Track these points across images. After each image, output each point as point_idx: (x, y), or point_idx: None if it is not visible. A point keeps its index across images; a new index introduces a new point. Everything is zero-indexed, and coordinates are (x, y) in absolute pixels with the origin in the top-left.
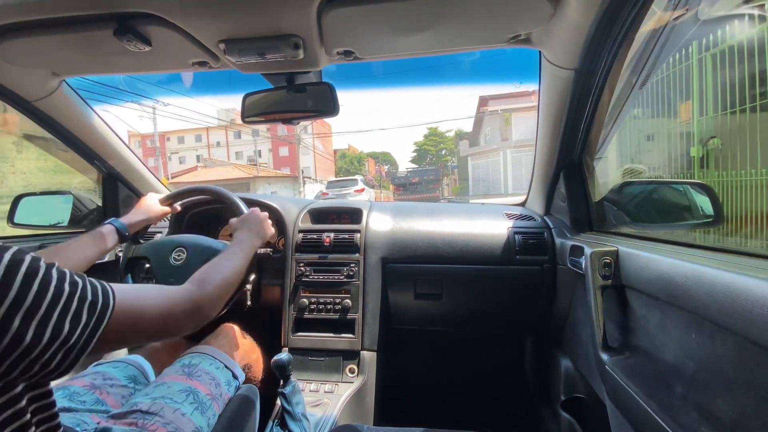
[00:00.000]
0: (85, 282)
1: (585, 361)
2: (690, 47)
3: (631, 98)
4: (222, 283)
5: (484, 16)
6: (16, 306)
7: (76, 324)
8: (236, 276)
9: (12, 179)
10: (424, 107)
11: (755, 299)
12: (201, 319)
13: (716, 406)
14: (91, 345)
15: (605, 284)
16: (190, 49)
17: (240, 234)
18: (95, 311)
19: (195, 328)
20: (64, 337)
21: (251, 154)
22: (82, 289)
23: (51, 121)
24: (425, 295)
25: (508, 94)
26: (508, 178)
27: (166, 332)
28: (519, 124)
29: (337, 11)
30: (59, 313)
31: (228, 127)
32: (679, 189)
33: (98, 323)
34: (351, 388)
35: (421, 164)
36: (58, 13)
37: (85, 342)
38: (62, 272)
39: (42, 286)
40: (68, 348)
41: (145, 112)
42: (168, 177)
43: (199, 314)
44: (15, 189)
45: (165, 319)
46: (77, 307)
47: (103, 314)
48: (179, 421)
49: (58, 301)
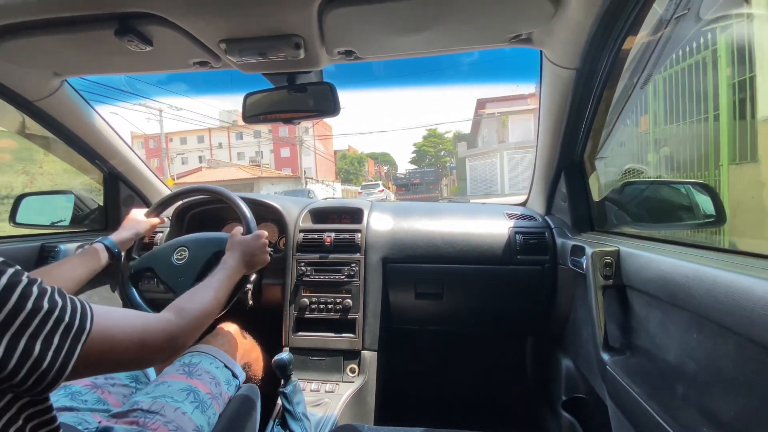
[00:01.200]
0: (65, 302)
1: (586, 361)
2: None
3: (633, 98)
4: (200, 314)
5: (485, 15)
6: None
7: (47, 347)
8: (216, 307)
9: (40, 180)
10: (423, 108)
11: (756, 299)
12: (175, 349)
13: (717, 406)
14: (68, 370)
15: (606, 284)
16: (191, 48)
17: (229, 258)
18: (69, 334)
19: (168, 358)
20: (34, 359)
21: (253, 155)
22: (60, 309)
23: (52, 121)
24: (426, 294)
25: (505, 97)
26: (505, 178)
27: (140, 362)
28: (515, 127)
29: (338, 11)
30: (31, 334)
31: (230, 128)
32: (680, 189)
33: (72, 347)
34: (352, 388)
35: (420, 165)
36: (59, 13)
37: (60, 366)
38: (43, 288)
39: (19, 301)
40: (42, 372)
41: (153, 115)
42: (174, 177)
43: (174, 345)
44: (44, 188)
45: (140, 348)
46: (51, 329)
47: (77, 338)
48: (180, 420)
49: (32, 319)
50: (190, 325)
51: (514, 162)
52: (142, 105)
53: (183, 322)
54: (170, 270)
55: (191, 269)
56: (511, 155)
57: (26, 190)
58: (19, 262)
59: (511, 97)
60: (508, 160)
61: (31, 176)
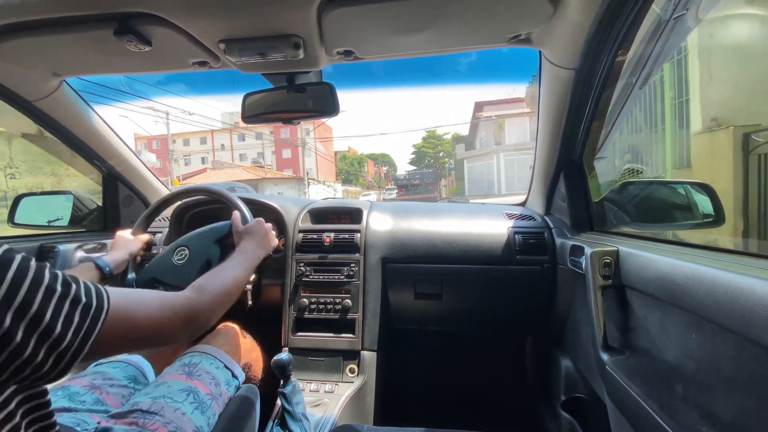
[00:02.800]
0: (78, 284)
1: (585, 361)
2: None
3: (632, 98)
4: (221, 291)
5: (485, 16)
6: (6, 304)
7: (68, 325)
8: (237, 286)
9: (67, 181)
10: (422, 108)
11: (756, 299)
12: (198, 327)
13: (717, 406)
14: (85, 349)
15: (605, 284)
16: (191, 49)
17: (245, 244)
18: (89, 314)
19: (191, 336)
20: (55, 338)
21: (255, 156)
22: (75, 290)
23: (51, 121)
24: (425, 294)
25: (501, 100)
26: (502, 179)
27: (162, 339)
28: (512, 129)
29: (338, 11)
30: (51, 314)
31: (232, 129)
32: (680, 189)
33: (92, 326)
34: (351, 388)
35: (419, 166)
36: (58, 13)
37: (78, 346)
38: (54, 273)
39: (33, 285)
40: (60, 351)
41: (159, 117)
42: (179, 179)
43: (196, 322)
44: (69, 188)
45: (160, 325)
46: (69, 309)
47: (96, 318)
48: (180, 421)
49: (49, 301)
50: (212, 301)
51: (510, 163)
52: (149, 108)
53: (203, 299)
54: (174, 272)
55: (195, 264)
56: (507, 157)
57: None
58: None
59: (508, 100)
60: (504, 162)
61: (59, 177)
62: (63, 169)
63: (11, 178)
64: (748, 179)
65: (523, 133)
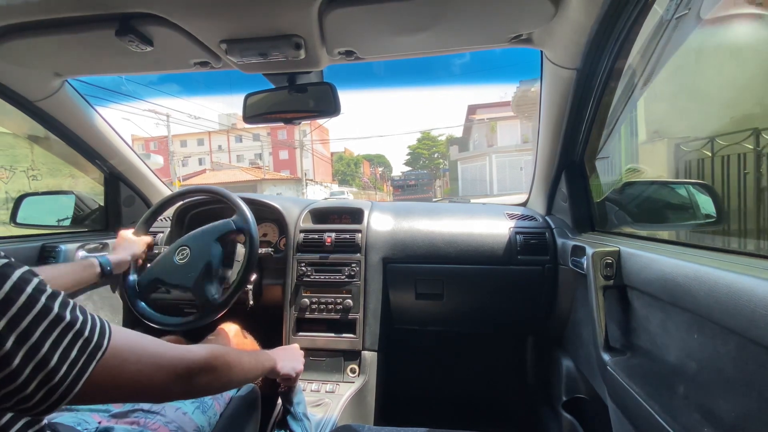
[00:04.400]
0: (86, 316)
1: (586, 361)
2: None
3: (633, 98)
4: (224, 356)
5: (486, 15)
6: (12, 326)
7: (65, 358)
8: (242, 380)
9: (83, 182)
10: (418, 110)
11: (758, 300)
12: (190, 382)
13: (718, 407)
14: (77, 387)
15: (607, 284)
16: (192, 49)
17: (280, 359)
18: (87, 349)
19: (183, 392)
20: (49, 370)
21: (252, 157)
22: (81, 322)
23: (53, 121)
24: (426, 295)
25: (494, 103)
26: (494, 180)
27: (152, 390)
28: (503, 132)
29: (339, 11)
30: (52, 343)
31: (229, 131)
32: (681, 189)
33: (87, 362)
34: (352, 388)
35: (414, 167)
36: (59, 14)
37: (71, 383)
38: (66, 301)
39: (43, 310)
40: (52, 386)
41: (157, 118)
42: (180, 179)
43: (188, 376)
44: (83, 189)
45: (152, 373)
46: (70, 341)
47: (93, 355)
48: (180, 420)
49: (53, 329)
50: (210, 361)
51: (502, 165)
52: (150, 111)
53: (202, 353)
54: (176, 272)
55: (196, 262)
56: (499, 158)
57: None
58: (20, 262)
59: (501, 103)
60: (496, 163)
61: (76, 179)
62: (79, 170)
63: (33, 179)
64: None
65: (514, 136)
